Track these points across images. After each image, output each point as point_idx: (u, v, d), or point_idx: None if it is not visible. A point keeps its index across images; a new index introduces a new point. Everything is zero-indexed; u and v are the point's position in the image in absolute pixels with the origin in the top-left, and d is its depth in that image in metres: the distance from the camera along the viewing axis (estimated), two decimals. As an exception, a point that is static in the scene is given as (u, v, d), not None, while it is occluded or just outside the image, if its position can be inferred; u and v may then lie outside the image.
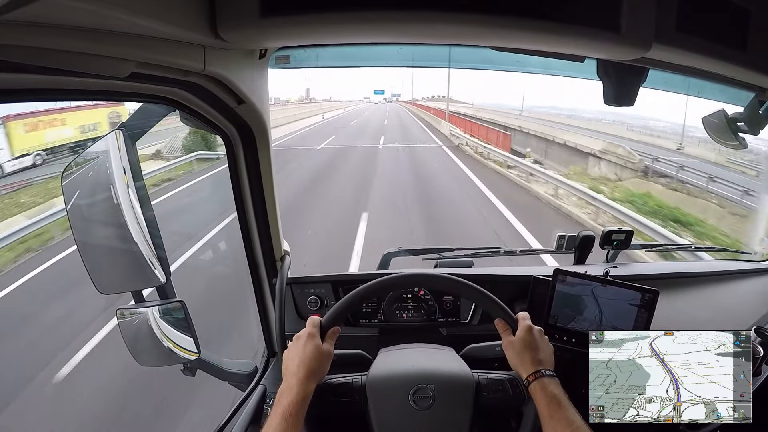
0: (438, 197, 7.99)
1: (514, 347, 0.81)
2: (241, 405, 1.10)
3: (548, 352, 0.82)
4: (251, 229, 1.09)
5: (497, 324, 0.85)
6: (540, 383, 0.76)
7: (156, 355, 0.97)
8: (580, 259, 1.54)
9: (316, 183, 9.05)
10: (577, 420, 0.71)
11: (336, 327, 0.83)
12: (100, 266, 0.87)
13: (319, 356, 0.78)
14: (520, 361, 0.80)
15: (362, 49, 1.16)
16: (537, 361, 0.79)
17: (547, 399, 0.73)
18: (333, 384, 0.82)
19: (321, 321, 0.83)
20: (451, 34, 0.62)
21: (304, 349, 0.78)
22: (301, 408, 0.72)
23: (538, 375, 0.77)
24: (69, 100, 0.58)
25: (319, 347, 0.79)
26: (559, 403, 0.73)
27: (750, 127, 0.90)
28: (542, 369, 0.77)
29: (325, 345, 0.80)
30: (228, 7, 0.53)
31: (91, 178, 0.89)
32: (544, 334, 0.84)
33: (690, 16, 0.61)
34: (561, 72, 1.26)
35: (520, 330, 0.82)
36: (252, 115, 0.88)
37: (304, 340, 0.80)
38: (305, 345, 0.79)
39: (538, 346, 0.81)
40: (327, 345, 0.81)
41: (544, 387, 0.75)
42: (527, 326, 0.82)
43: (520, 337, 0.82)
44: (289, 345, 0.82)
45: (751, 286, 1.45)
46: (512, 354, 0.82)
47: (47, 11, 0.36)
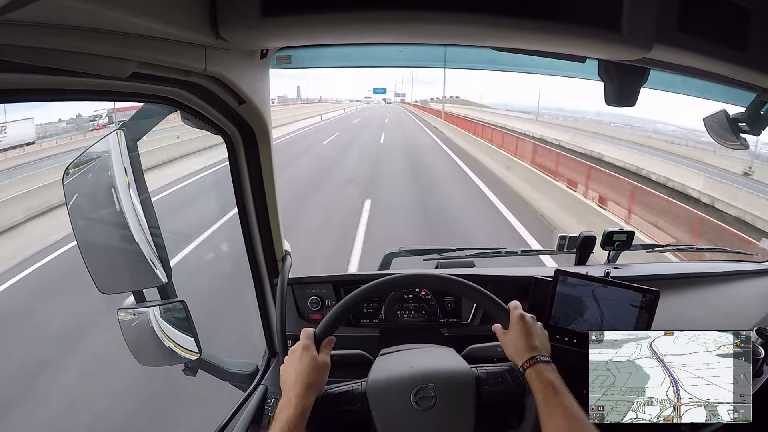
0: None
1: (508, 337, 0.81)
2: (241, 405, 1.10)
3: (543, 337, 0.82)
4: (252, 229, 1.09)
5: (494, 328, 0.86)
6: (535, 369, 0.75)
7: (157, 354, 0.98)
8: (582, 259, 1.54)
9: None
10: (573, 406, 0.70)
11: (331, 337, 0.83)
12: (102, 266, 0.87)
13: (316, 368, 0.78)
14: (514, 350, 0.80)
15: (363, 49, 1.16)
16: (531, 347, 0.78)
17: (543, 385, 0.73)
18: (333, 394, 0.82)
19: (315, 332, 0.82)
20: (451, 35, 0.62)
21: (300, 362, 0.78)
22: (300, 422, 0.73)
23: (532, 362, 0.76)
24: (69, 100, 0.58)
25: (315, 359, 0.79)
26: (555, 390, 0.72)
27: (751, 128, 0.90)
28: (537, 355, 0.77)
29: (320, 356, 0.80)
30: (229, 7, 0.53)
31: (93, 179, 0.89)
32: (536, 320, 0.83)
33: (691, 17, 0.61)
34: (562, 72, 1.26)
35: (512, 318, 0.82)
36: (253, 115, 0.89)
37: (300, 352, 0.79)
38: (301, 358, 0.78)
39: (531, 332, 0.80)
40: (323, 356, 0.80)
41: (540, 373, 0.75)
42: (519, 314, 0.82)
43: (513, 326, 0.82)
44: (285, 359, 0.82)
45: (752, 286, 1.45)
46: (507, 344, 0.82)
47: (47, 11, 0.37)
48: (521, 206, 7.62)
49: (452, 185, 9.51)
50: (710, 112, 0.95)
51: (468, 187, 9.21)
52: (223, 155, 0.98)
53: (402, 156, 14.01)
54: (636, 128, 27.30)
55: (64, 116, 16.19)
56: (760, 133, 0.91)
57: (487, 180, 9.73)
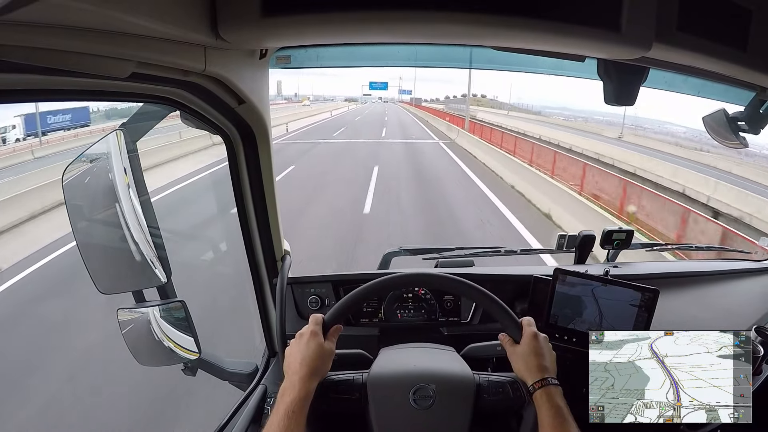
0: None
1: (520, 353, 0.81)
2: (241, 405, 1.10)
3: (552, 359, 0.82)
4: (252, 228, 1.09)
5: (501, 338, 0.85)
6: (546, 392, 0.75)
7: (157, 354, 0.98)
8: (581, 258, 1.54)
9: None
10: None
11: (338, 325, 0.84)
12: (102, 266, 0.87)
13: (322, 354, 0.78)
14: (525, 367, 0.79)
15: (363, 49, 1.16)
16: (542, 368, 0.78)
17: (553, 410, 0.73)
18: (334, 381, 0.82)
19: (324, 318, 0.83)
20: (451, 34, 0.62)
21: (307, 347, 0.78)
22: (303, 406, 0.72)
23: (544, 383, 0.76)
24: (69, 100, 0.58)
25: (322, 345, 0.79)
26: (564, 417, 0.73)
27: (750, 127, 0.90)
28: (548, 377, 0.77)
29: (327, 343, 0.80)
30: (229, 7, 0.53)
31: (93, 179, 0.89)
32: (548, 341, 0.83)
33: (691, 16, 0.61)
34: (562, 72, 1.25)
35: (526, 336, 0.82)
36: (252, 115, 0.89)
37: (307, 337, 0.80)
38: (308, 343, 0.79)
39: (543, 352, 0.80)
40: (329, 343, 0.81)
41: (551, 397, 0.75)
42: (533, 332, 0.82)
43: (526, 343, 0.81)
44: (291, 342, 0.82)
45: (751, 285, 1.45)
46: (517, 360, 0.81)
47: (47, 11, 0.36)
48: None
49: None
50: (710, 111, 0.95)
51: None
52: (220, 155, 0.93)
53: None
54: (629, 126, 25.58)
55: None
56: (759, 131, 0.91)
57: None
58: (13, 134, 15.68)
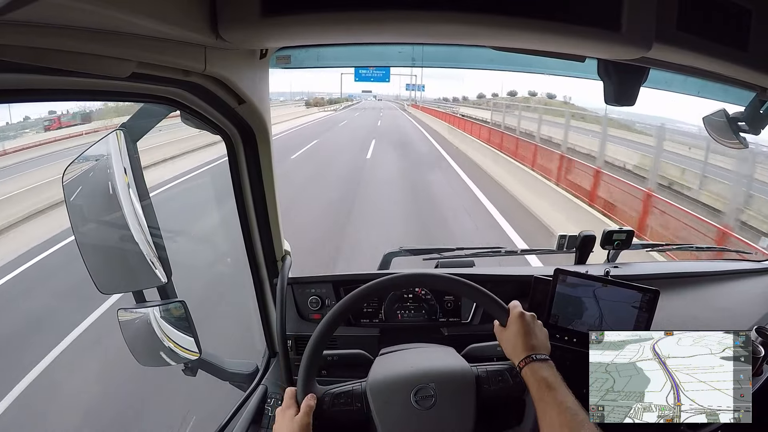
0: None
1: (507, 336, 0.81)
2: (242, 405, 1.10)
3: (542, 336, 0.82)
4: (252, 229, 1.09)
5: (495, 327, 0.86)
6: (530, 368, 0.76)
7: (157, 355, 0.98)
8: (581, 259, 1.54)
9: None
10: (567, 400, 0.70)
11: (310, 394, 0.80)
12: (102, 266, 0.87)
13: (294, 431, 0.76)
14: (512, 349, 0.80)
15: (363, 49, 1.16)
16: (529, 346, 0.78)
17: (537, 383, 0.73)
18: (334, 394, 0.82)
19: (295, 391, 0.81)
20: (451, 34, 0.62)
21: (282, 425, 0.77)
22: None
23: (528, 360, 0.77)
24: (69, 100, 0.58)
25: (293, 420, 0.77)
26: (548, 385, 0.72)
27: (751, 127, 0.90)
28: (533, 354, 0.77)
29: (298, 417, 0.77)
30: (229, 7, 0.53)
31: (93, 179, 0.89)
32: (536, 318, 0.83)
33: (691, 16, 0.61)
34: (561, 72, 1.26)
35: (512, 318, 0.82)
36: (253, 115, 0.89)
37: (281, 415, 0.79)
38: (283, 420, 0.78)
39: (530, 331, 0.81)
40: (301, 416, 0.77)
41: (534, 371, 0.75)
42: (518, 313, 0.83)
43: (511, 324, 0.82)
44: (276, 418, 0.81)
45: (752, 285, 1.45)
46: (506, 343, 0.82)
47: (47, 11, 0.36)
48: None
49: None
50: (709, 111, 0.95)
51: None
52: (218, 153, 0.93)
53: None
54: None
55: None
56: (760, 132, 0.91)
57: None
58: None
